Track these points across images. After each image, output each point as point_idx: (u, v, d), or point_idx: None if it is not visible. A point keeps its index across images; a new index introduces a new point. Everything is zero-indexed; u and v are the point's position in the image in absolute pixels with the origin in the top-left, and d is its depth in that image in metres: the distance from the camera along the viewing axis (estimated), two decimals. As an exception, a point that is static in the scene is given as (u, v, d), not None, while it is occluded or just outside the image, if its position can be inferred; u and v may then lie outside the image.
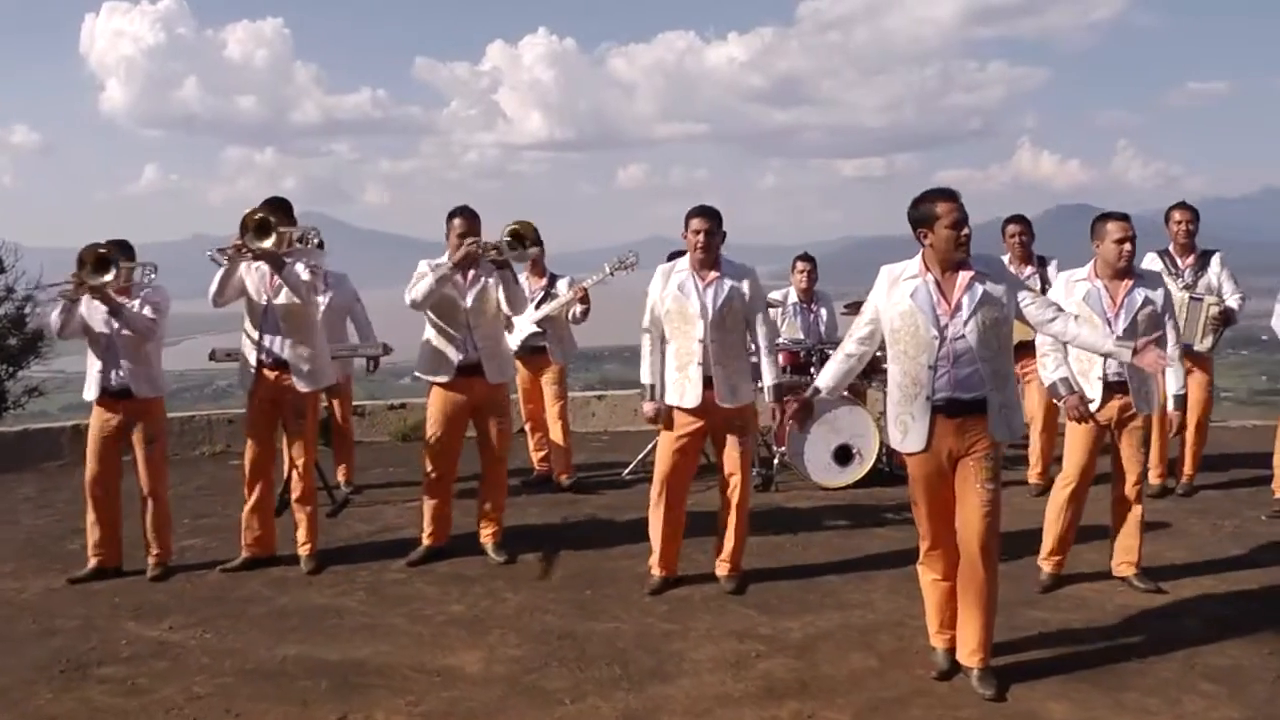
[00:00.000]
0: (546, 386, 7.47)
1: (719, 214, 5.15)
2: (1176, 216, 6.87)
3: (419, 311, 5.73)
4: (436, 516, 5.96)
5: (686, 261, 5.19)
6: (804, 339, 7.75)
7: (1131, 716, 3.86)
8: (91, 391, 5.66)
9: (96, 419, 5.71)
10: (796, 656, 4.44)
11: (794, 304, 7.97)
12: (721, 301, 5.09)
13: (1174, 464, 7.14)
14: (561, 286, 7.38)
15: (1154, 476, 6.92)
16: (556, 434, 7.49)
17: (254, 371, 5.71)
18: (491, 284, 5.70)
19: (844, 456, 7.28)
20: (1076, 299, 4.95)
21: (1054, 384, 4.95)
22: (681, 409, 5.17)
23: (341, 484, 7.65)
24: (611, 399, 10.12)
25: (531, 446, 7.80)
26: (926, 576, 4.28)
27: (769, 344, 5.24)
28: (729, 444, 5.21)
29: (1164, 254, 6.86)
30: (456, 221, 5.69)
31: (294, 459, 5.84)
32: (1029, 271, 6.98)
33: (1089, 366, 5.01)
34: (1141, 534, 5.15)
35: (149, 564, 5.79)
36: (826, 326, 7.96)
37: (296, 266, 5.52)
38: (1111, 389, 5.01)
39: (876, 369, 7.01)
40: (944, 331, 3.94)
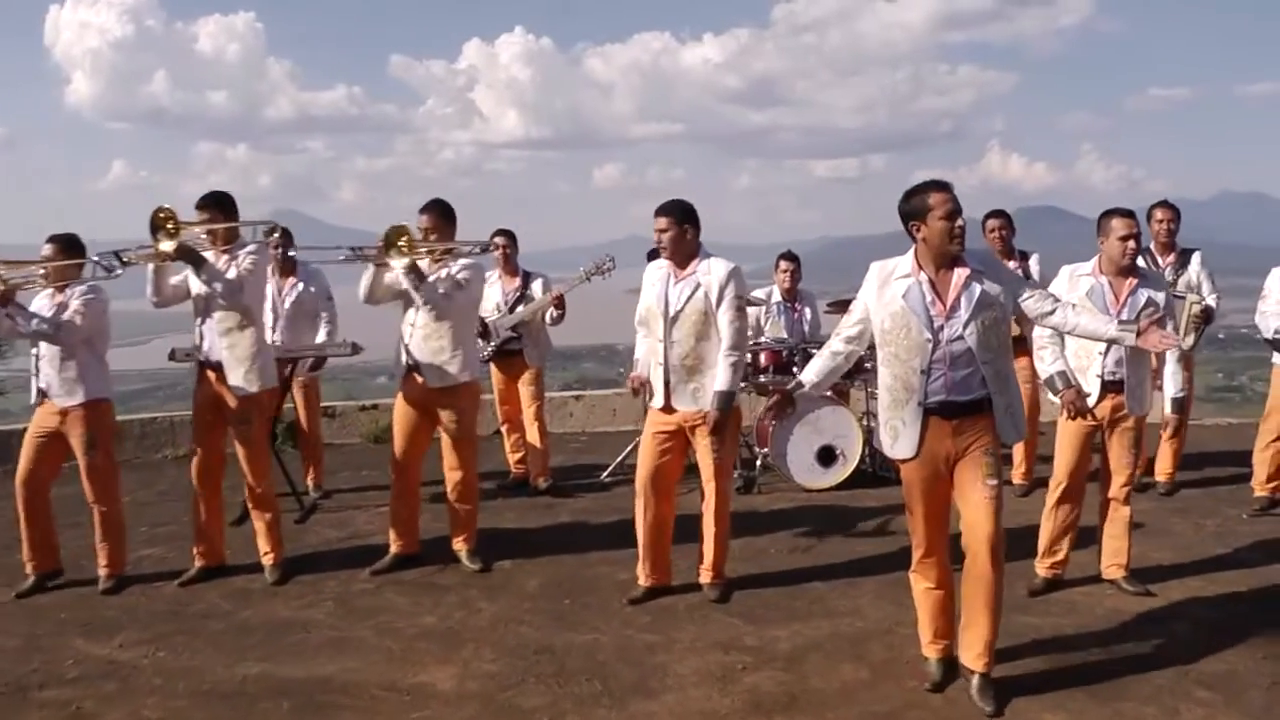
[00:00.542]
0: (523, 388, 7.30)
1: (686, 209, 4.94)
2: (1159, 215, 6.80)
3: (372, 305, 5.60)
4: (401, 522, 5.79)
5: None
6: (787, 338, 7.61)
7: (1130, 727, 3.75)
8: (33, 393, 5.45)
9: (35, 418, 5.49)
10: (785, 668, 4.28)
11: (777, 303, 7.83)
12: (683, 299, 4.91)
13: (1151, 461, 7.06)
14: (536, 287, 7.21)
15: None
16: (533, 436, 7.32)
17: (196, 371, 5.50)
18: (444, 280, 5.49)
19: (827, 457, 7.14)
20: (1080, 293, 4.83)
21: (1051, 377, 4.82)
22: (657, 409, 5.03)
23: (311, 489, 7.43)
24: (589, 399, 9.94)
25: (508, 449, 7.62)
26: (920, 585, 4.12)
27: (730, 345, 4.90)
28: (701, 449, 5.03)
29: (1144, 252, 6.78)
30: (422, 219, 5.55)
31: (243, 465, 5.59)
32: (1011, 266, 6.87)
33: (1087, 363, 4.89)
34: (1130, 536, 5.05)
35: (99, 576, 5.55)
36: (810, 325, 7.83)
37: (243, 258, 5.29)
38: (1107, 388, 4.90)
39: (859, 368, 6.89)
40: (938, 334, 3.74)
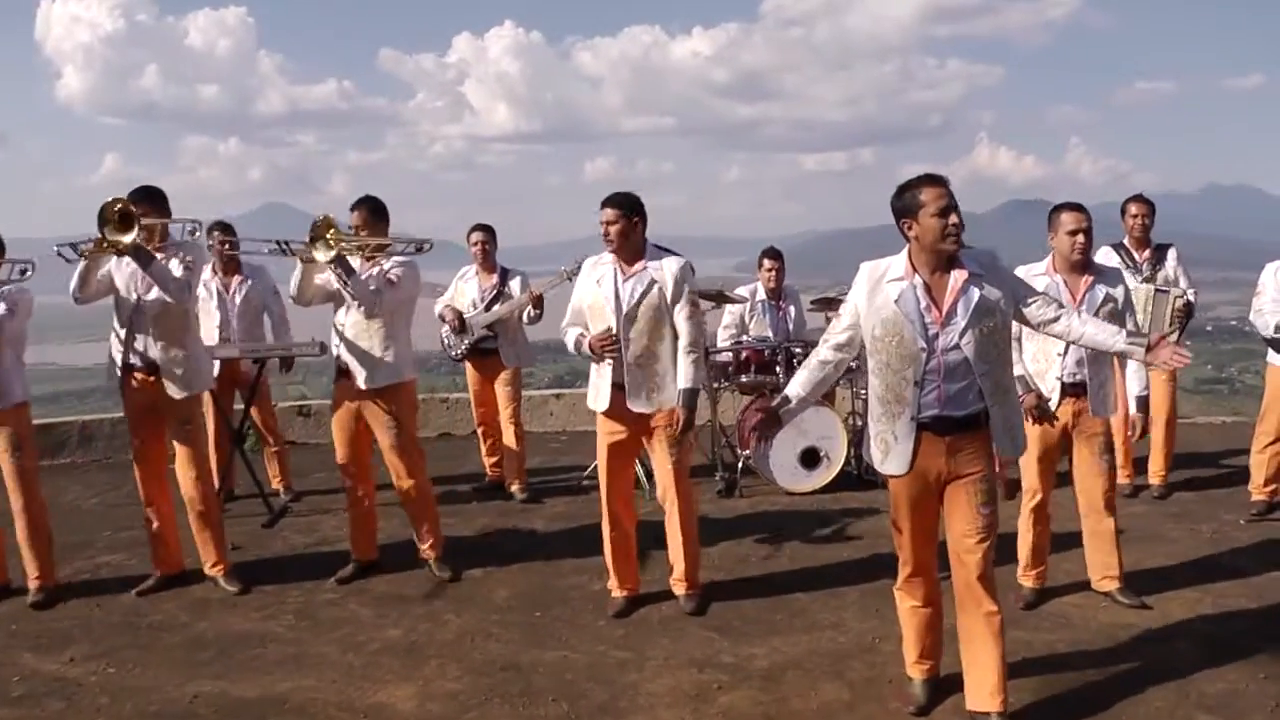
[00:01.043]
0: (499, 389, 7.07)
1: (634, 201, 4.72)
2: (1133, 210, 6.60)
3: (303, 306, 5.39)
4: (357, 530, 5.60)
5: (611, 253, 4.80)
6: (771, 337, 7.39)
7: (1129, 754, 3.55)
8: None
9: None
10: (762, 688, 4.06)
11: (762, 300, 7.62)
12: (637, 296, 4.69)
13: (1140, 462, 6.88)
14: (514, 285, 6.98)
15: (1121, 476, 6.68)
16: (509, 439, 7.09)
17: (120, 374, 5.23)
18: (375, 277, 5.26)
19: (811, 460, 6.93)
20: None
21: None
22: (611, 415, 4.81)
23: (280, 491, 7.21)
24: (570, 398, 9.70)
25: (484, 450, 7.40)
26: (905, 603, 3.88)
27: (690, 341, 4.72)
28: (659, 453, 4.81)
29: (1119, 247, 6.63)
30: (354, 215, 5.33)
31: (181, 470, 5.32)
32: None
33: (1045, 366, 4.70)
34: (1119, 545, 4.82)
35: (29, 589, 5.27)
36: (795, 324, 7.62)
37: (170, 262, 5.02)
38: (1067, 391, 4.69)
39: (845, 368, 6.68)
40: (933, 343, 3.47)
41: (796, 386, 3.79)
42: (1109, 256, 6.51)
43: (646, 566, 5.22)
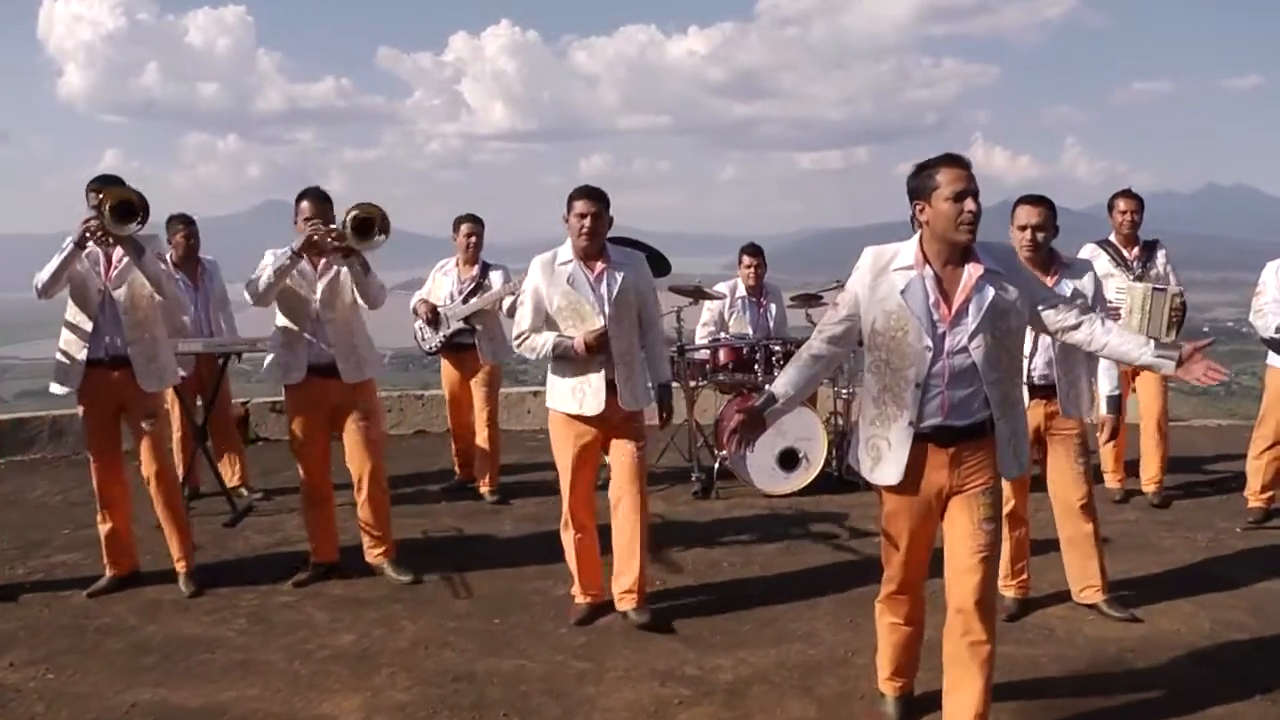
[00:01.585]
0: (476, 389, 6.85)
1: (607, 196, 4.56)
2: (1121, 205, 6.32)
3: (263, 307, 5.09)
4: (317, 531, 5.37)
5: (568, 251, 4.57)
6: (751, 334, 7.18)
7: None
8: None
9: None
10: (725, 704, 3.84)
11: (741, 297, 7.41)
12: (617, 293, 4.51)
13: (1131, 465, 6.66)
14: (495, 279, 6.75)
15: (1113, 481, 6.46)
16: (483, 439, 6.87)
17: (84, 369, 5.01)
18: (345, 274, 5.07)
19: (789, 461, 6.71)
20: None
21: None
22: (582, 418, 4.57)
23: (244, 491, 7.00)
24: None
25: (454, 449, 7.18)
26: (885, 619, 3.61)
27: (660, 336, 4.62)
28: (625, 455, 4.60)
29: (1106, 245, 6.36)
30: (304, 205, 5.07)
31: (144, 464, 5.13)
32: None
33: None
34: (1100, 552, 4.60)
35: None
36: (775, 321, 7.41)
37: (150, 249, 4.89)
38: (1037, 392, 4.46)
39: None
40: (941, 342, 3.14)
41: (784, 384, 3.41)
42: (1094, 255, 6.28)
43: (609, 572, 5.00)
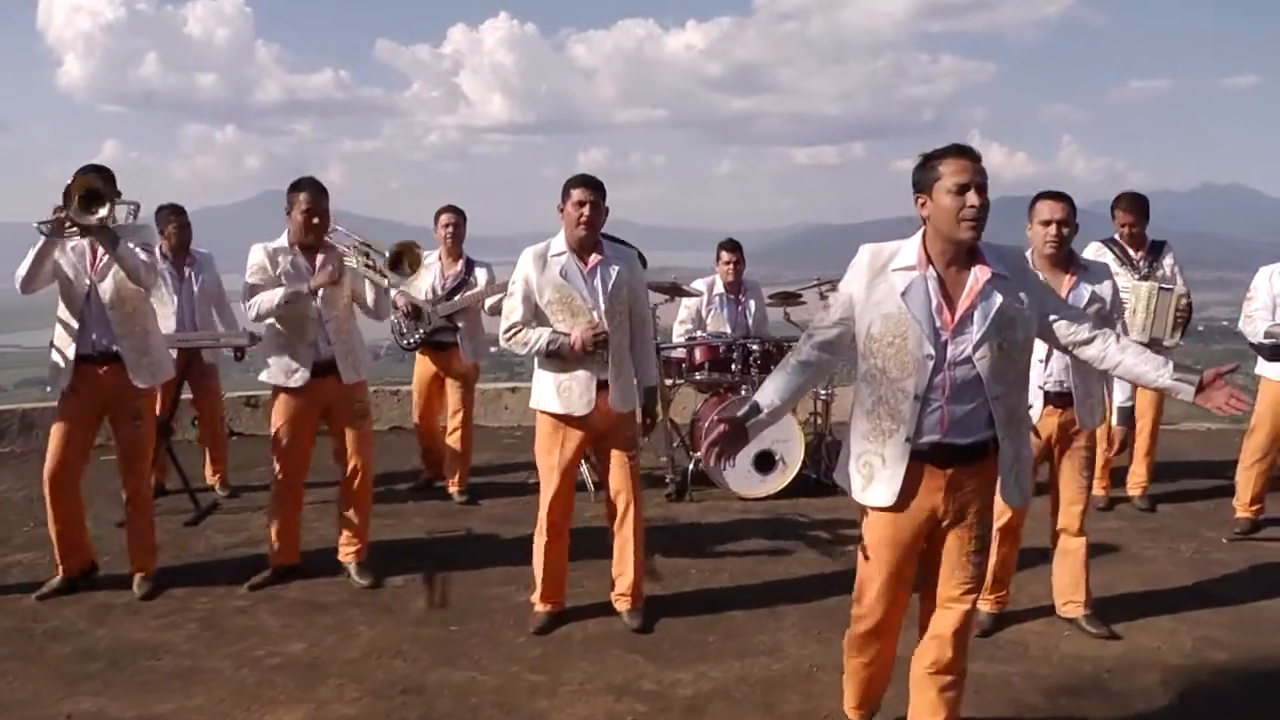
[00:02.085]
0: (452, 388, 6.68)
1: (604, 186, 4.39)
2: (1119, 218, 6.17)
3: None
4: (283, 533, 5.20)
5: (560, 243, 4.40)
6: (729, 332, 7.01)
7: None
8: None
9: None
10: (682, 721, 3.69)
11: (719, 295, 7.23)
12: (612, 288, 4.34)
13: (1118, 473, 6.50)
14: (480, 275, 6.57)
15: (1098, 488, 6.30)
16: (455, 440, 6.71)
17: (73, 366, 4.85)
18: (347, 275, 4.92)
19: (765, 464, 6.55)
20: None
21: None
22: (569, 419, 4.40)
23: (216, 488, 6.85)
24: (526, 391, 9.29)
25: (422, 447, 7.00)
26: (854, 659, 3.34)
27: (649, 335, 4.48)
28: (615, 457, 4.46)
29: (1111, 244, 6.20)
30: (301, 196, 4.90)
31: (123, 466, 5.00)
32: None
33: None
34: (1088, 569, 4.44)
35: None
36: (755, 319, 7.23)
37: (137, 239, 4.73)
38: (1051, 400, 4.29)
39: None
40: (943, 351, 2.88)
41: (769, 394, 3.09)
42: (1100, 253, 6.11)
43: (572, 578, 4.84)
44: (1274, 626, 4.52)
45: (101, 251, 4.74)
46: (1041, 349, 4.14)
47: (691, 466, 6.76)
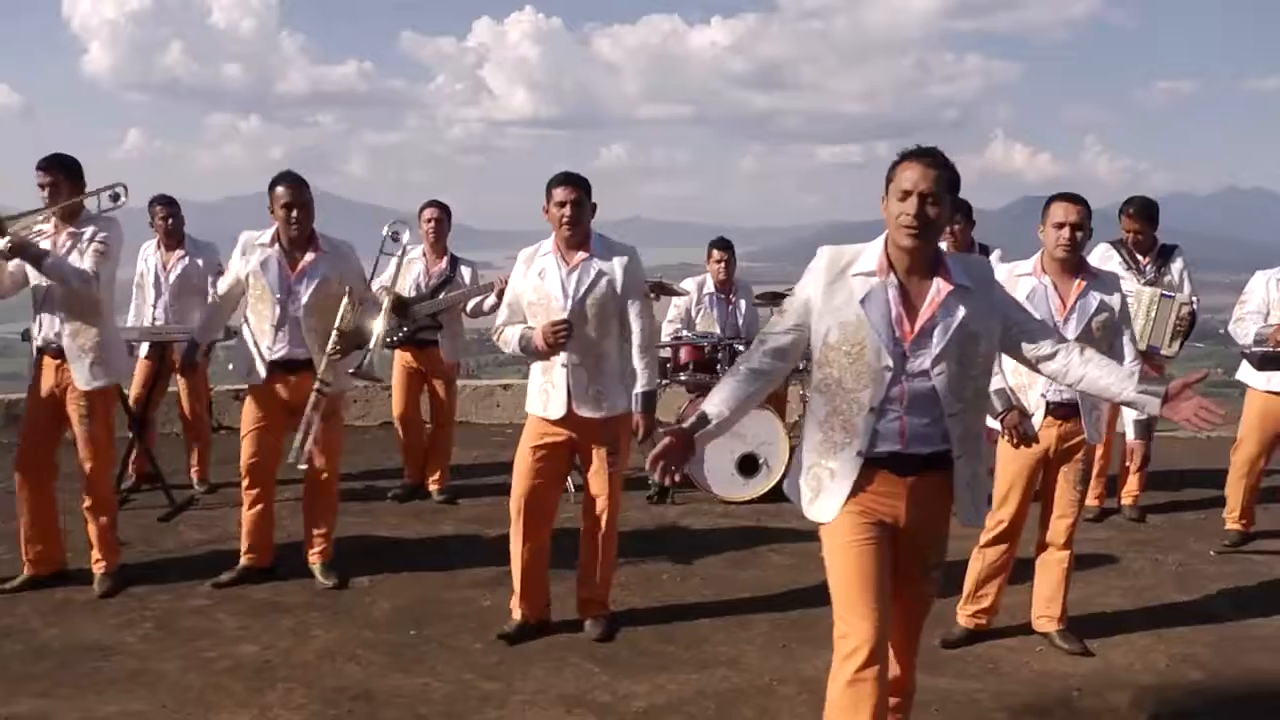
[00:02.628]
0: (439, 390, 6.57)
1: (588, 183, 4.28)
2: (1125, 224, 6.01)
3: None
4: (254, 531, 5.12)
5: (550, 243, 4.31)
6: (718, 332, 6.89)
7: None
8: None
9: None
10: (629, 737, 3.58)
11: (710, 294, 7.11)
12: (584, 289, 4.21)
13: (1111, 482, 6.32)
14: (465, 275, 6.47)
15: (1090, 498, 6.14)
16: (437, 438, 6.60)
17: (35, 359, 4.82)
18: (334, 275, 4.84)
19: (749, 467, 6.42)
20: (1018, 297, 4.11)
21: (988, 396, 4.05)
22: (551, 421, 4.30)
23: (194, 481, 6.77)
24: (518, 389, 9.19)
25: (402, 448, 6.84)
26: (842, 711, 2.85)
27: (644, 341, 4.30)
28: (596, 462, 4.34)
29: (1120, 246, 6.04)
30: (280, 190, 4.77)
31: (81, 463, 4.91)
32: None
33: (1029, 381, 4.11)
34: (1068, 583, 4.31)
35: None
36: (745, 319, 7.10)
37: (73, 253, 4.65)
38: (1053, 411, 4.14)
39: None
40: (902, 363, 2.76)
41: (718, 403, 2.90)
42: (1108, 255, 5.98)
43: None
44: (1255, 645, 4.38)
45: (57, 247, 4.67)
46: None
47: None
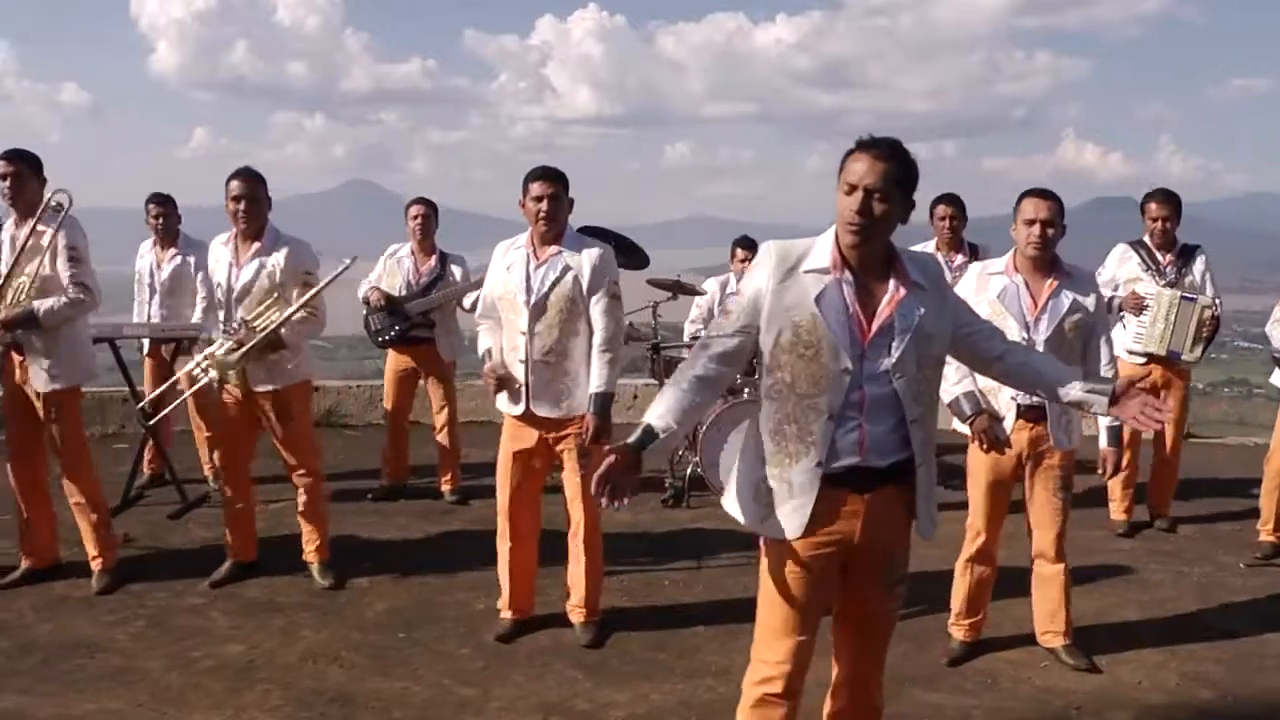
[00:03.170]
0: (433, 388, 6.51)
1: (565, 177, 4.18)
2: (1153, 210, 5.68)
3: None
4: (235, 527, 5.09)
5: (525, 236, 4.23)
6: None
7: None
8: None
9: None
10: (604, 747, 3.47)
11: (732, 293, 6.96)
12: (549, 284, 4.12)
13: (1139, 491, 6.05)
14: (455, 272, 6.41)
15: (1119, 512, 5.90)
16: (443, 438, 6.54)
17: (2, 352, 4.81)
18: (273, 265, 4.75)
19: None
20: (990, 296, 3.94)
21: (956, 400, 3.85)
22: (521, 419, 4.24)
23: (210, 478, 6.78)
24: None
25: (389, 446, 6.75)
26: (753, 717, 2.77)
27: (606, 340, 4.18)
28: (566, 465, 4.26)
29: (1138, 246, 5.78)
30: (233, 184, 4.75)
31: (59, 462, 4.90)
32: (959, 261, 5.92)
33: (998, 385, 3.90)
34: (1069, 596, 4.11)
35: None
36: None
37: (66, 245, 4.66)
38: (1023, 414, 3.96)
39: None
40: (860, 365, 2.57)
41: (662, 414, 2.63)
42: (1127, 256, 5.75)
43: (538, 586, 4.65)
44: (1273, 663, 4.16)
45: (20, 241, 4.66)
46: None
47: (689, 471, 6.51)
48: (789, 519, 2.63)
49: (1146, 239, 5.76)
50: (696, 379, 2.66)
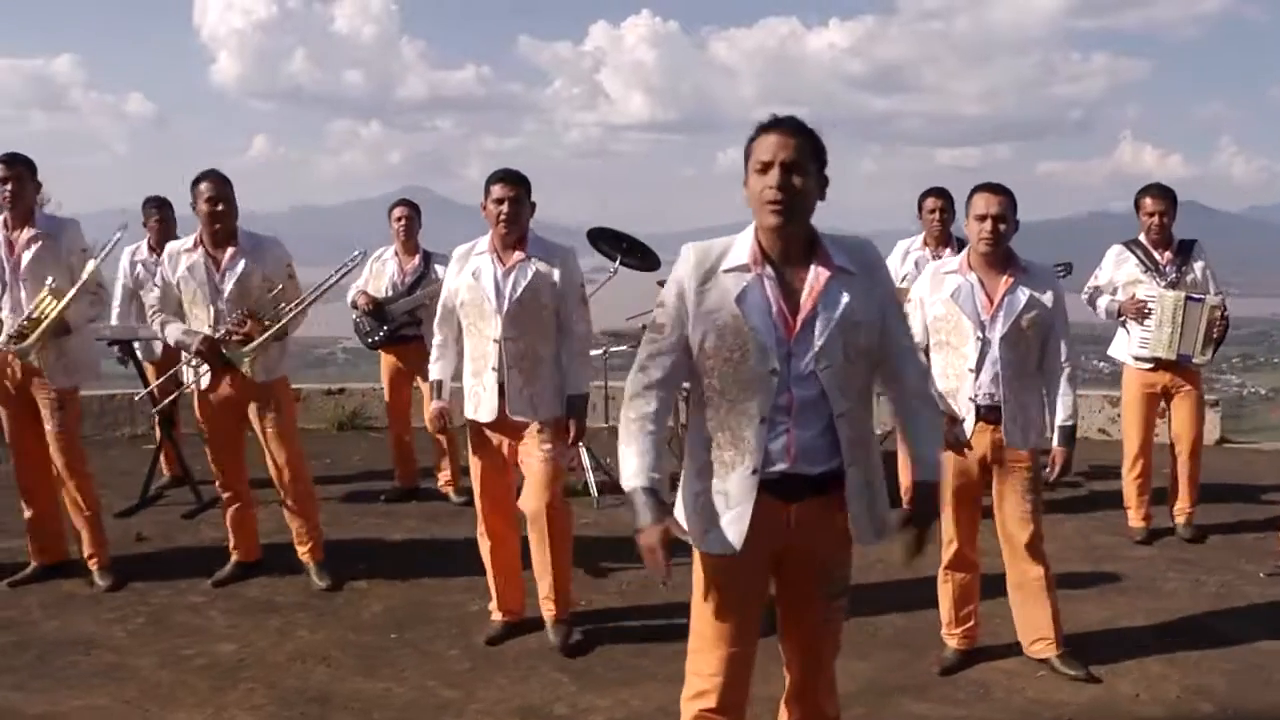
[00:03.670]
0: (425, 386, 6.50)
1: (527, 180, 4.16)
2: (1149, 206, 5.46)
3: None
4: (236, 528, 5.14)
5: (485, 241, 4.21)
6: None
7: None
8: None
9: None
10: (578, 752, 3.43)
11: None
12: (522, 289, 4.09)
13: (1158, 495, 5.82)
14: (439, 269, 6.41)
15: (1136, 519, 5.72)
16: (441, 436, 6.52)
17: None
18: (255, 269, 4.77)
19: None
20: (943, 295, 3.84)
21: None
22: (480, 423, 4.22)
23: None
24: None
25: (393, 450, 6.75)
26: None
27: (580, 340, 4.20)
28: (532, 457, 4.21)
29: (1134, 246, 5.57)
30: (203, 186, 4.71)
31: (55, 460, 4.93)
32: (947, 255, 5.77)
33: (956, 385, 3.85)
34: (1054, 601, 3.98)
35: None
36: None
37: (76, 240, 4.78)
38: (981, 415, 3.84)
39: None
40: (788, 364, 2.46)
41: (647, 468, 2.50)
42: (1123, 258, 5.58)
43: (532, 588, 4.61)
44: (1283, 677, 4.02)
45: (21, 243, 4.73)
46: (972, 356, 3.77)
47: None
48: (729, 531, 2.50)
49: (1142, 237, 5.56)
50: (653, 416, 2.55)
